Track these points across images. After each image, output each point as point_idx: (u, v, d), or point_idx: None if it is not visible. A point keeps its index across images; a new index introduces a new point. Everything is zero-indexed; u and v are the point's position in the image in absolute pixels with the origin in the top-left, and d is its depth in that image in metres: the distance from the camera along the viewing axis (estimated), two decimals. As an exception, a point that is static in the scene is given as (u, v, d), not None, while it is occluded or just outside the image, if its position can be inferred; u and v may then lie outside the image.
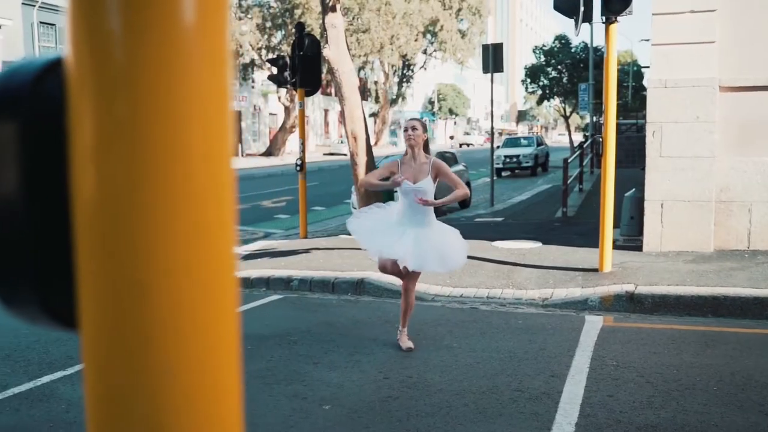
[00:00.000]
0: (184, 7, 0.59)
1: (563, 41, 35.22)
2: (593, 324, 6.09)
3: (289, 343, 5.76)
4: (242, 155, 45.17)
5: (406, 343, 5.49)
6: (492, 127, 15.09)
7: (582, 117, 44.96)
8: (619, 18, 7.41)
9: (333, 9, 10.72)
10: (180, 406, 0.61)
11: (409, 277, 5.38)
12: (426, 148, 5.57)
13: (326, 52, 10.91)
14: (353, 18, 40.03)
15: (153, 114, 0.59)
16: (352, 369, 5.01)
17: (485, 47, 14.55)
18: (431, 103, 72.12)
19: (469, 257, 8.91)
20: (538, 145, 27.91)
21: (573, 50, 34.87)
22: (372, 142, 46.67)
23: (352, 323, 6.39)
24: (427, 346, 5.54)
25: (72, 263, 0.63)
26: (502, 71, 14.47)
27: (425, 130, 5.48)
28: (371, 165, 11.24)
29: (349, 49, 38.77)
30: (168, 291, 0.61)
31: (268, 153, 44.68)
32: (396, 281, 8.01)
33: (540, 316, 6.49)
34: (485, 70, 14.50)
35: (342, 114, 11.54)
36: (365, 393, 4.51)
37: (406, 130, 5.39)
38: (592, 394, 4.38)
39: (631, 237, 9.27)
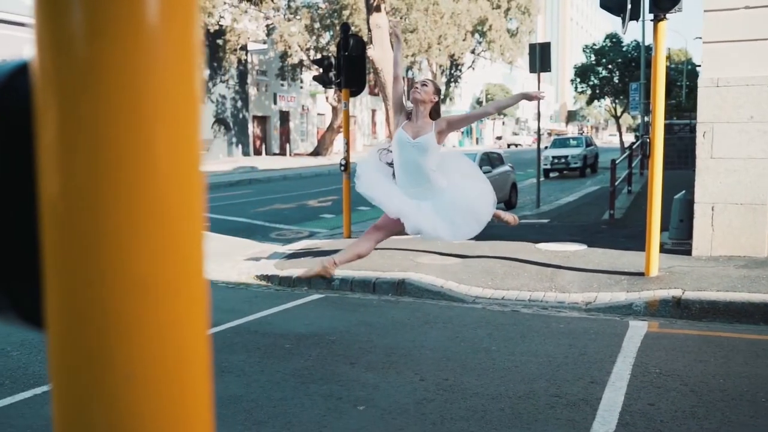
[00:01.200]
0: (148, 5, 0.58)
1: (614, 40, 34.54)
2: (637, 329, 5.94)
3: (327, 342, 5.78)
4: (290, 155, 45.64)
5: (312, 269, 5.58)
6: (539, 128, 14.88)
7: (634, 117, 44.04)
8: (668, 15, 7.21)
9: (377, 9, 10.74)
10: (143, 413, 0.60)
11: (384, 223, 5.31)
12: (435, 114, 5.21)
13: (371, 52, 10.93)
14: (401, 18, 40.01)
15: (116, 114, 0.58)
16: (389, 370, 4.99)
17: (532, 46, 14.36)
18: (479, 103, 71.61)
19: (512, 259, 8.87)
20: (587, 145, 27.43)
21: (624, 49, 34.17)
22: (418, 142, 45.50)
23: (391, 324, 6.37)
24: (465, 349, 5.48)
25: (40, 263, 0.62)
26: (550, 71, 14.25)
27: (438, 93, 5.18)
28: (415, 165, 11.23)
29: (395, 50, 38.17)
30: (132, 294, 0.60)
31: (316, 153, 45.03)
32: (436, 281, 7.98)
33: (582, 320, 6.36)
34: (532, 69, 14.31)
35: (386, 114, 11.54)
36: (400, 395, 4.49)
37: (414, 86, 5.08)
38: (632, 402, 4.27)
39: (680, 241, 9.02)
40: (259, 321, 6.53)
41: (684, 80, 39.05)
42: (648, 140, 7.48)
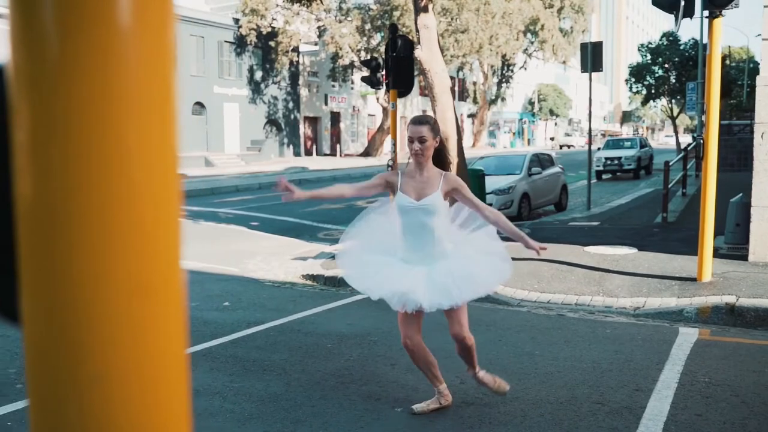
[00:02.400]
0: (120, 6, 0.58)
1: (671, 38, 33.65)
2: (687, 336, 5.76)
3: (369, 343, 5.78)
4: (340, 155, 45.94)
5: (490, 380, 4.32)
6: (590, 128, 14.61)
7: (691, 118, 42.84)
8: (725, 12, 6.98)
9: (425, 10, 10.70)
10: (115, 411, 0.60)
11: (450, 319, 4.17)
12: (441, 160, 4.13)
13: (418, 52, 10.89)
14: (452, 19, 39.85)
15: (88, 114, 0.58)
16: (429, 372, 4.95)
17: (584, 45, 14.11)
18: (531, 103, 70.78)
19: (559, 262, 8.71)
20: (642, 146, 26.78)
21: (681, 47, 33.25)
22: (470, 143, 46.36)
23: (435, 325, 6.32)
24: (507, 353, 5.41)
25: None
26: (601, 70, 13.97)
27: (436, 134, 4.03)
28: (462, 167, 11.14)
29: (447, 50, 38.54)
30: (104, 294, 0.60)
31: (366, 153, 45.20)
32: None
33: (630, 326, 6.20)
34: (583, 69, 14.06)
35: (433, 115, 11.49)
36: (439, 397, 4.45)
37: (411, 141, 3.96)
38: (678, 412, 4.13)
39: (736, 245, 8.72)
40: (303, 320, 6.58)
41: (745, 79, 37.78)
42: (702, 141, 7.24)
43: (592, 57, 13.75)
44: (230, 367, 5.14)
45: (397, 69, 11.41)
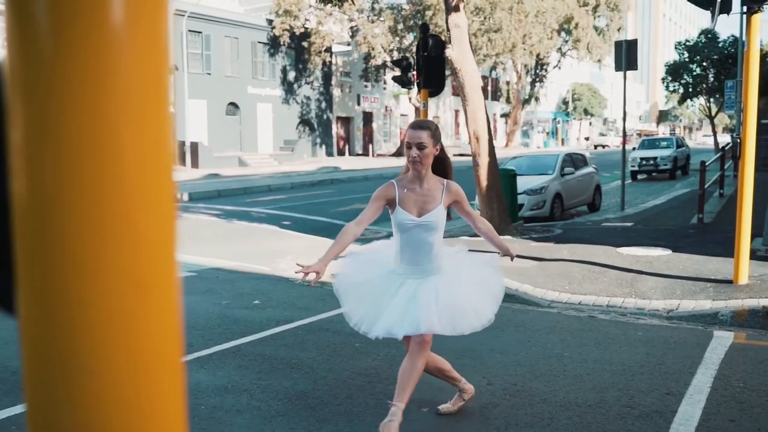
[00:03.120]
0: (113, 5, 0.58)
1: (709, 35, 32.99)
2: (722, 340, 5.64)
3: (397, 342, 5.73)
4: (373, 155, 46.02)
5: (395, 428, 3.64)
6: (624, 128, 14.40)
7: (730, 117, 41.96)
8: (764, 7, 6.82)
9: (456, 9, 10.66)
10: (105, 406, 0.61)
11: (414, 339, 3.81)
12: (444, 170, 3.85)
13: (449, 52, 10.86)
14: (485, 18, 39.63)
15: (81, 113, 0.58)
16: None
17: (618, 44, 13.91)
18: (565, 103, 70.04)
19: (591, 263, 8.60)
20: (678, 146, 26.31)
21: (720, 45, 32.58)
22: (503, 143, 46.11)
23: (462, 326, 6.30)
24: (536, 354, 5.36)
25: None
26: (636, 69, 13.76)
27: (437, 141, 3.71)
28: (493, 166, 11.08)
29: (480, 49, 38.36)
30: (96, 287, 0.60)
31: (398, 153, 45.18)
32: (511, 284, 7.83)
33: (662, 328, 6.10)
34: (618, 68, 13.86)
35: (465, 114, 11.44)
36: (466, 398, 4.43)
37: (409, 146, 3.64)
38: (710, 417, 4.05)
39: (774, 247, 8.51)
40: (331, 319, 6.59)
41: (787, 77, 36.84)
42: (739, 140, 7.08)
43: (626, 55, 13.55)
44: (258, 364, 5.17)
45: (428, 68, 11.39)
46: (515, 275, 7.98)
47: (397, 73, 12.45)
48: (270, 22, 39.23)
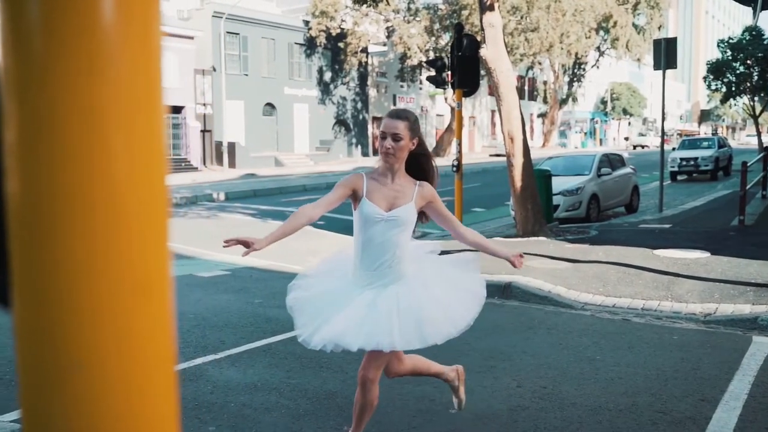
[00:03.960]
0: (105, 8, 0.59)
1: (754, 33, 32.18)
2: (761, 346, 5.49)
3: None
4: (408, 156, 45.96)
5: None
6: (662, 128, 14.14)
7: (775, 116, 40.87)
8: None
9: (491, 8, 10.59)
10: (95, 401, 0.61)
11: (368, 359, 3.42)
12: (423, 169, 3.49)
13: (483, 51, 10.80)
14: (522, 17, 39.31)
15: (72, 113, 0.59)
16: (486, 374, 4.91)
17: (656, 42, 13.66)
18: (603, 102, 69.07)
19: (626, 265, 8.46)
20: (720, 147, 25.72)
21: (766, 42, 31.75)
22: (540, 143, 45.65)
23: (493, 327, 6.26)
24: (568, 357, 5.29)
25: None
26: (675, 68, 13.50)
27: (415, 135, 3.37)
28: (528, 167, 10.98)
29: (517, 49, 38.01)
30: (88, 288, 0.61)
31: (434, 153, 45.07)
32: (544, 286, 7.75)
33: (699, 333, 5.97)
34: (656, 66, 13.61)
35: (499, 114, 11.37)
36: (494, 400, 4.40)
37: (383, 137, 3.31)
38: (746, 425, 3.94)
39: (818, 250, 8.27)
40: (362, 319, 6.61)
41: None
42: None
43: (666, 54, 13.30)
44: (288, 363, 5.21)
45: (462, 68, 11.34)
46: (548, 277, 7.90)
47: (432, 73, 12.42)
48: (306, 23, 39.49)
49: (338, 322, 3.23)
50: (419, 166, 3.47)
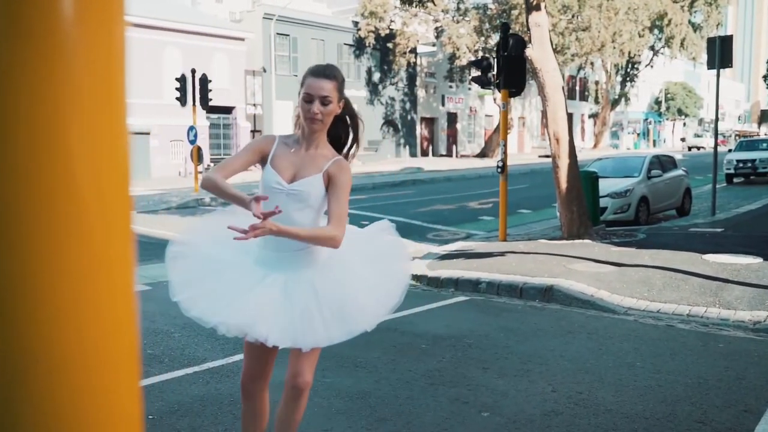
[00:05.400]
0: (65, 7, 0.60)
1: (818, 31, 30.95)
2: (811, 355, 5.30)
3: (464, 345, 5.73)
4: (456, 156, 45.79)
5: None
6: (716, 128, 13.75)
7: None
8: None
9: (537, 8, 10.47)
10: (53, 395, 0.63)
11: (301, 361, 2.92)
12: (344, 136, 3.02)
13: (529, 51, 10.68)
14: (573, 16, 38.69)
15: (33, 117, 0.61)
16: (521, 378, 4.86)
17: (710, 40, 13.28)
18: (657, 103, 67.43)
19: (673, 270, 8.25)
20: (779, 148, 24.83)
21: (830, 41, 30.51)
22: (591, 144, 44.84)
23: (533, 331, 6.19)
24: (606, 362, 5.19)
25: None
26: (730, 66, 13.10)
27: (342, 97, 2.88)
28: (573, 168, 10.81)
29: (568, 49, 37.40)
30: (44, 281, 0.63)
31: (483, 154, 44.78)
32: (587, 290, 7.62)
33: (747, 341, 5.78)
34: (710, 65, 13.24)
35: (544, 115, 11.23)
36: (528, 404, 4.35)
37: (309, 99, 2.76)
38: (790, 436, 3.81)
39: None
40: (401, 320, 6.61)
41: None
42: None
43: (720, 52, 12.92)
44: (324, 362, 5.24)
45: (508, 68, 11.24)
46: (591, 280, 7.77)
47: (478, 73, 12.34)
48: (356, 23, 39.69)
49: (246, 306, 2.73)
50: (340, 130, 3.00)
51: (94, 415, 0.66)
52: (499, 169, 11.68)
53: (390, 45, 39.92)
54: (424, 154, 46.12)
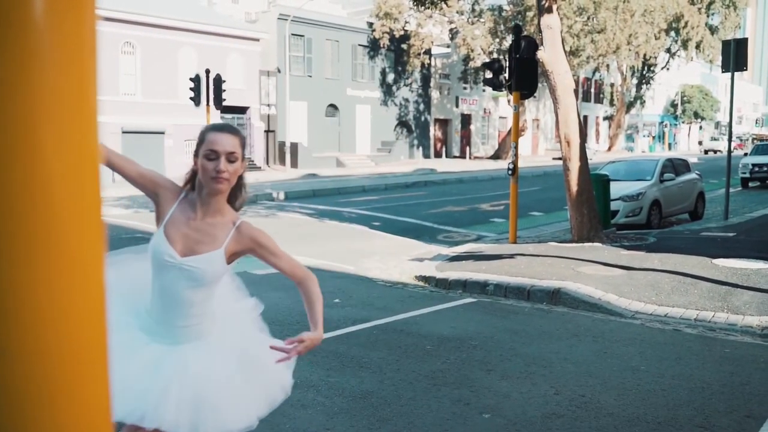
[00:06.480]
0: (37, 10, 0.62)
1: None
2: (818, 361, 5.27)
3: (468, 347, 5.75)
4: (469, 158, 45.71)
5: None
6: (730, 131, 13.66)
7: None
8: None
9: (549, 10, 10.46)
10: (19, 388, 0.67)
11: None
12: (238, 194, 2.54)
13: (540, 53, 10.67)
14: (588, 18, 38.52)
15: (4, 114, 0.64)
16: (524, 380, 4.87)
17: (725, 43, 13.20)
18: (673, 105, 66.94)
19: (682, 274, 8.20)
20: (797, 153, 24.56)
21: None
22: (606, 147, 44.57)
23: (538, 333, 6.20)
24: (611, 366, 5.19)
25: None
26: (745, 69, 13.02)
27: (244, 155, 2.49)
28: (584, 171, 10.78)
29: (583, 50, 37.14)
30: (19, 280, 0.66)
31: (496, 156, 44.69)
32: (595, 293, 7.60)
33: (753, 346, 5.75)
34: (725, 68, 13.16)
35: (556, 117, 11.21)
36: (530, 406, 4.36)
37: (212, 157, 2.36)
38: (792, 442, 3.80)
39: None
40: (407, 321, 6.64)
41: None
42: None
43: (734, 55, 12.84)
44: (329, 362, 5.29)
45: (520, 71, 11.23)
46: (599, 284, 7.75)
47: (489, 75, 12.34)
48: (370, 25, 39.75)
49: (119, 373, 2.03)
50: (238, 190, 2.55)
51: (67, 409, 0.69)
52: (510, 172, 11.68)
53: (404, 46, 39.95)
54: (438, 155, 46.09)
